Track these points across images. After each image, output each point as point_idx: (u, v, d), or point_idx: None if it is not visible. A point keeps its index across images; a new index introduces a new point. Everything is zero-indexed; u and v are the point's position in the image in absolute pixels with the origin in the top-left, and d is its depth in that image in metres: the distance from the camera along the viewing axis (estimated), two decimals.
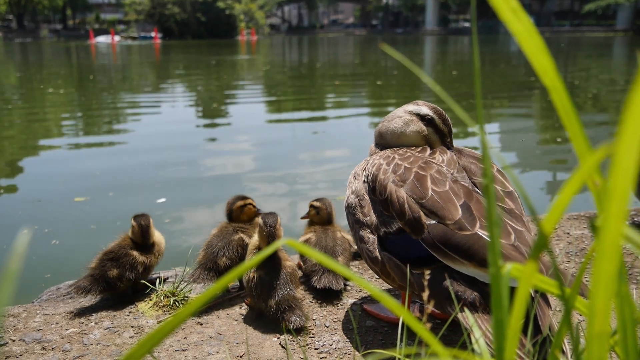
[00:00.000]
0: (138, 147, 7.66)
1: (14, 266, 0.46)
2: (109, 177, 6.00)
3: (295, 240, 0.63)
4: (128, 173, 6.23)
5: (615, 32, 64.51)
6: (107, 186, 5.62)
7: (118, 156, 7.16)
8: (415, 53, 31.54)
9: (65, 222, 4.59)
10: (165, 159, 6.82)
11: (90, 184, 5.71)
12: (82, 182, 5.81)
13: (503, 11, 0.58)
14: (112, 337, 2.01)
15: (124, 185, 5.69)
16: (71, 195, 5.26)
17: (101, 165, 6.55)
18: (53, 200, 5.21)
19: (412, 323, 0.64)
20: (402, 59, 0.75)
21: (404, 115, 1.99)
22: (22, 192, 5.47)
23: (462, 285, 1.59)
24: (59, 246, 4.07)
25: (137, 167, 6.52)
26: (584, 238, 2.95)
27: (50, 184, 5.78)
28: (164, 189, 5.53)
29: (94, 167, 6.37)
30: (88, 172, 6.17)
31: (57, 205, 5.07)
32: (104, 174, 6.12)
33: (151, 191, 5.44)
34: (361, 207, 1.87)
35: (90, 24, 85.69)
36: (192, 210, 4.95)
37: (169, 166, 6.47)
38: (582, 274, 0.69)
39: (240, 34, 61.72)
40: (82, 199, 5.14)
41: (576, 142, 0.60)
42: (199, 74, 18.85)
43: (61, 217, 4.73)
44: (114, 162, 6.74)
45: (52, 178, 6.03)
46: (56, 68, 22.12)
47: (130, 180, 5.92)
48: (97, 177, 6.01)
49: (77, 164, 6.72)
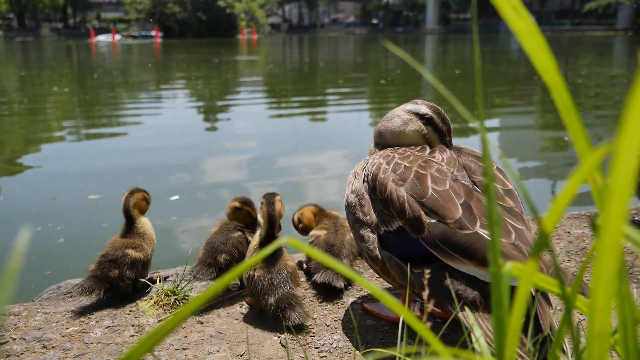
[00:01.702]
0: (150, 145, 7.75)
1: (15, 264, 0.46)
2: (123, 174, 6.06)
3: (296, 238, 0.63)
4: (142, 170, 6.30)
5: (616, 31, 64.43)
6: (121, 183, 5.66)
7: (131, 153, 7.22)
8: (417, 52, 31.53)
9: (77, 220, 4.63)
10: (179, 157, 6.93)
11: (104, 182, 5.78)
12: (96, 179, 5.87)
13: (504, 9, 0.58)
14: (112, 336, 2.01)
15: (137, 183, 5.74)
16: (85, 192, 5.31)
17: (115, 162, 6.62)
18: (67, 198, 5.26)
19: (413, 322, 0.64)
20: (405, 57, 0.74)
21: (403, 114, 1.99)
22: (37, 190, 5.52)
23: (463, 284, 1.59)
24: (67, 244, 4.10)
25: (150, 164, 6.59)
26: (584, 237, 2.94)
27: (65, 181, 5.83)
28: (177, 187, 5.61)
29: (108, 165, 6.44)
30: (102, 170, 6.23)
31: (70, 203, 5.11)
32: (119, 171, 6.18)
33: (165, 189, 5.53)
34: (361, 206, 1.87)
35: (91, 23, 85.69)
36: (204, 209, 4.98)
37: (182, 164, 6.56)
38: (583, 273, 0.69)
39: (240, 33, 61.71)
40: (96, 197, 5.18)
41: (577, 140, 0.60)
42: (202, 74, 18.87)
43: (74, 214, 4.76)
44: (127, 159, 6.80)
45: (66, 176, 6.08)
46: (59, 67, 22.17)
47: (144, 177, 5.99)
48: (111, 174, 6.07)
49: (91, 161, 6.78)
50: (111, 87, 14.85)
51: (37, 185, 5.69)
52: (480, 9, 64.95)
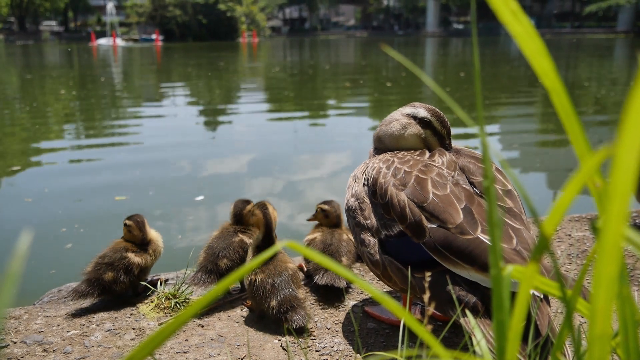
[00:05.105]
0: (173, 145, 7.88)
1: (16, 268, 0.46)
2: (148, 175, 6.17)
3: (296, 241, 0.63)
4: (167, 170, 6.40)
5: (616, 33, 64.49)
6: (147, 184, 5.78)
7: (155, 154, 7.32)
8: (419, 55, 31.61)
9: (103, 220, 4.70)
10: (203, 156, 7.07)
11: (131, 183, 5.86)
12: (123, 180, 5.95)
13: (503, 13, 0.58)
14: (113, 339, 2.01)
15: (164, 183, 5.88)
16: (112, 194, 5.37)
17: (141, 163, 6.72)
18: (93, 199, 5.34)
19: (414, 325, 0.64)
20: (404, 61, 0.75)
21: (402, 118, 1.97)
22: (64, 192, 5.59)
23: (464, 289, 1.58)
24: (92, 244, 4.13)
25: (174, 165, 6.69)
26: (585, 240, 2.94)
27: (92, 183, 5.91)
28: (203, 186, 5.72)
29: (134, 166, 6.54)
30: (128, 171, 6.31)
31: (97, 204, 5.19)
32: (144, 172, 6.27)
33: (190, 188, 5.61)
34: (361, 210, 1.86)
35: (92, 26, 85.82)
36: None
37: (208, 164, 6.68)
38: (584, 276, 0.69)
39: (241, 36, 61.81)
40: (123, 198, 5.24)
41: (576, 143, 0.60)
42: (208, 77, 18.93)
43: (99, 215, 4.83)
44: (153, 161, 6.91)
45: (94, 177, 6.16)
46: (65, 70, 22.28)
47: (170, 177, 6.09)
48: (137, 176, 6.15)
49: (118, 163, 6.88)
50: (122, 90, 15.01)
51: (64, 187, 5.76)
52: (481, 13, 65.07)
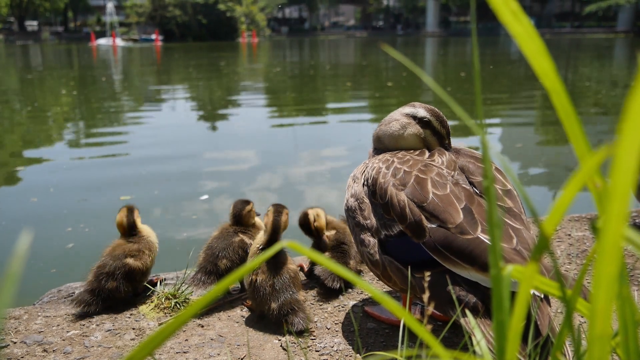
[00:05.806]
0: (177, 144, 7.93)
1: (15, 268, 0.46)
2: (153, 175, 6.21)
3: (297, 241, 0.63)
4: (171, 169, 6.43)
5: (616, 33, 64.47)
6: (152, 184, 5.83)
7: (160, 154, 7.35)
8: (419, 55, 31.63)
9: (108, 220, 4.72)
10: (208, 155, 7.12)
11: (136, 182, 5.91)
12: (128, 180, 5.99)
13: (503, 13, 0.58)
14: (113, 339, 2.01)
15: (169, 182, 5.92)
16: (117, 193, 5.42)
17: (146, 162, 6.76)
18: (98, 199, 5.38)
19: (413, 325, 0.64)
20: (404, 60, 0.75)
21: (401, 118, 1.97)
22: (69, 191, 5.62)
23: (464, 289, 1.58)
24: (95, 244, 4.16)
25: (179, 165, 6.72)
26: (585, 240, 2.94)
27: (98, 183, 5.95)
28: (208, 185, 5.76)
29: (139, 165, 6.59)
30: (133, 170, 6.36)
31: (102, 204, 5.23)
32: (149, 172, 6.31)
33: (195, 188, 5.67)
34: (361, 210, 1.86)
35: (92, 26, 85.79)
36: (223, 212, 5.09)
37: (212, 163, 6.73)
38: (584, 276, 0.69)
39: (241, 36, 61.80)
40: (128, 197, 5.30)
41: (576, 143, 0.60)
42: (209, 78, 18.94)
43: (105, 215, 4.84)
44: (157, 160, 6.95)
45: (99, 177, 6.20)
46: (65, 71, 22.31)
47: (175, 177, 6.12)
48: (142, 175, 6.19)
49: (123, 162, 6.93)
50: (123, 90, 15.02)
51: (68, 187, 5.79)
52: (481, 13, 65.06)
